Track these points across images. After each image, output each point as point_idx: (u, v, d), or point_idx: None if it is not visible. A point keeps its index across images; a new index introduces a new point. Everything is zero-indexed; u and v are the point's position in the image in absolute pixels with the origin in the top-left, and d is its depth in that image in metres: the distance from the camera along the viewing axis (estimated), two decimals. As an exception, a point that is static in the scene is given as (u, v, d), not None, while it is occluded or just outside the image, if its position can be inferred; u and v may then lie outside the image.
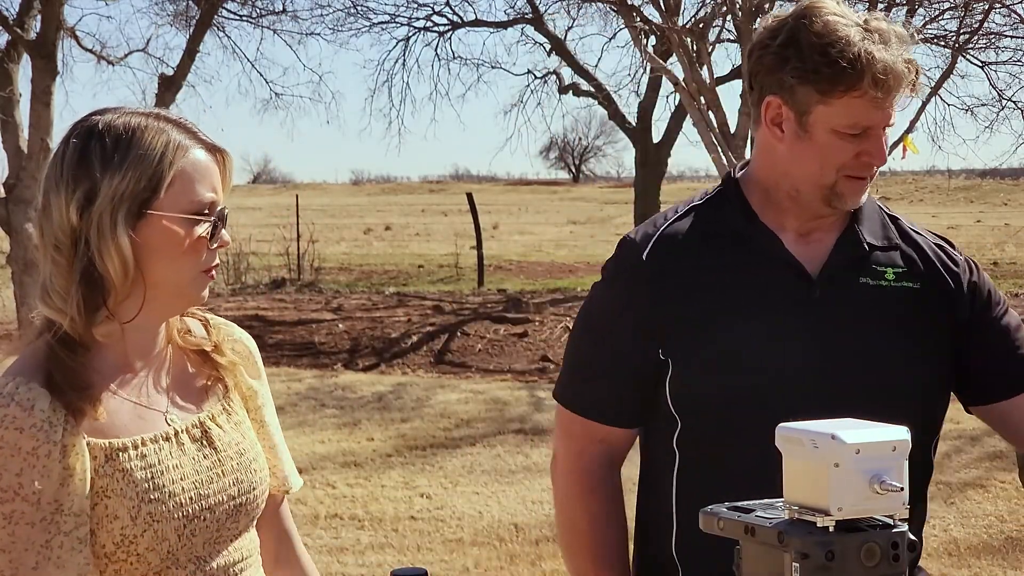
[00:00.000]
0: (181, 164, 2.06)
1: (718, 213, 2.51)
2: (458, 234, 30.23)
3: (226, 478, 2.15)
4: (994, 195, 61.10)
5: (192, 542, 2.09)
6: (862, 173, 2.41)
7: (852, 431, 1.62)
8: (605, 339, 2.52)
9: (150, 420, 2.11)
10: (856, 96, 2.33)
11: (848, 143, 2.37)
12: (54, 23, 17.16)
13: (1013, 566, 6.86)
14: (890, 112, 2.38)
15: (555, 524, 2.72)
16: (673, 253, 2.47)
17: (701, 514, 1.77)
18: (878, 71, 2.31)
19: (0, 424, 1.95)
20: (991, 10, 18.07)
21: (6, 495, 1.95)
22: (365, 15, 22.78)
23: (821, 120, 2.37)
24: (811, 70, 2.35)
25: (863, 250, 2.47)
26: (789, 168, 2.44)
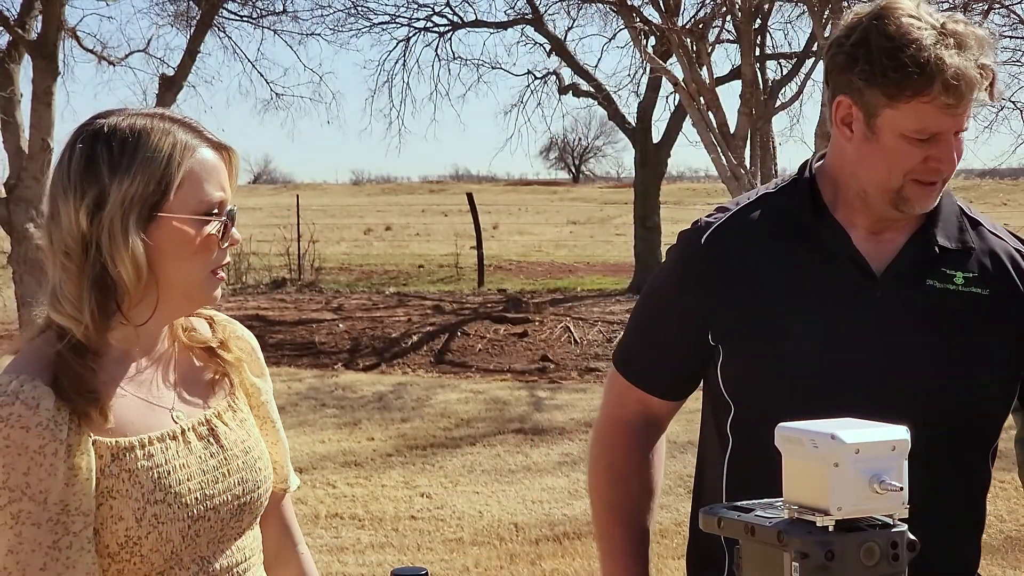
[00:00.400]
0: (189, 164, 2.05)
1: (789, 203, 2.49)
2: (458, 234, 30.21)
3: (231, 477, 2.15)
4: (993, 195, 61.06)
5: (196, 542, 2.08)
6: (930, 178, 2.36)
7: (851, 431, 1.62)
8: (657, 316, 2.58)
9: (156, 418, 2.09)
10: (925, 101, 2.29)
11: (916, 148, 2.33)
12: (55, 23, 17.15)
13: (1012, 566, 6.87)
14: (962, 118, 2.33)
15: None
16: (734, 241, 2.46)
17: (701, 513, 1.77)
18: (949, 77, 2.26)
19: (5, 423, 1.93)
20: (990, 10, 18.07)
21: (13, 495, 1.93)
22: (365, 15, 22.82)
23: (889, 123, 2.33)
24: (879, 73, 2.31)
25: (933, 252, 2.43)
26: (856, 169, 2.42)
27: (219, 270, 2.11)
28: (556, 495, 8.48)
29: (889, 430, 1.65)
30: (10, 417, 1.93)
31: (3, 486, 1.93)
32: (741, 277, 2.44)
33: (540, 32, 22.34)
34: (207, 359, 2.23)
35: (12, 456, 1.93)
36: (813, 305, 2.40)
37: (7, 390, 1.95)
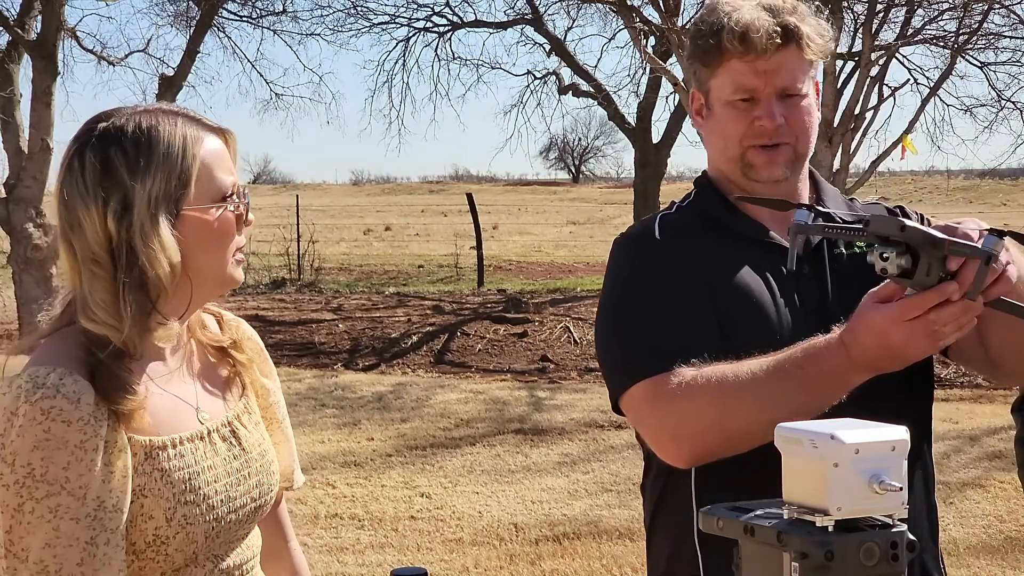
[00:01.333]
0: (201, 154, 2.07)
1: (702, 208, 2.57)
2: (458, 234, 30.22)
3: (251, 480, 2.16)
4: (993, 195, 61.09)
5: (215, 543, 2.10)
6: (762, 141, 2.45)
7: (851, 431, 1.62)
8: (655, 299, 2.44)
9: (184, 417, 2.11)
10: (728, 60, 2.43)
11: (741, 112, 2.45)
12: (55, 24, 17.15)
13: (1012, 566, 6.87)
14: (778, 75, 2.43)
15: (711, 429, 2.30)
16: (678, 235, 2.51)
17: (700, 514, 1.77)
18: (735, 28, 2.39)
19: (47, 416, 1.92)
20: (990, 11, 18.09)
21: (53, 488, 1.91)
22: (365, 16, 22.83)
23: (716, 94, 2.49)
24: (694, 47, 2.49)
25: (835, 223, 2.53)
26: (710, 151, 2.58)
27: (239, 251, 2.14)
28: (556, 495, 8.48)
29: (889, 430, 1.65)
30: (51, 411, 1.92)
31: (41, 479, 1.92)
32: (693, 265, 2.46)
33: (540, 32, 22.36)
34: (220, 358, 2.25)
35: (52, 450, 1.91)
36: (759, 288, 2.44)
37: (47, 382, 1.94)
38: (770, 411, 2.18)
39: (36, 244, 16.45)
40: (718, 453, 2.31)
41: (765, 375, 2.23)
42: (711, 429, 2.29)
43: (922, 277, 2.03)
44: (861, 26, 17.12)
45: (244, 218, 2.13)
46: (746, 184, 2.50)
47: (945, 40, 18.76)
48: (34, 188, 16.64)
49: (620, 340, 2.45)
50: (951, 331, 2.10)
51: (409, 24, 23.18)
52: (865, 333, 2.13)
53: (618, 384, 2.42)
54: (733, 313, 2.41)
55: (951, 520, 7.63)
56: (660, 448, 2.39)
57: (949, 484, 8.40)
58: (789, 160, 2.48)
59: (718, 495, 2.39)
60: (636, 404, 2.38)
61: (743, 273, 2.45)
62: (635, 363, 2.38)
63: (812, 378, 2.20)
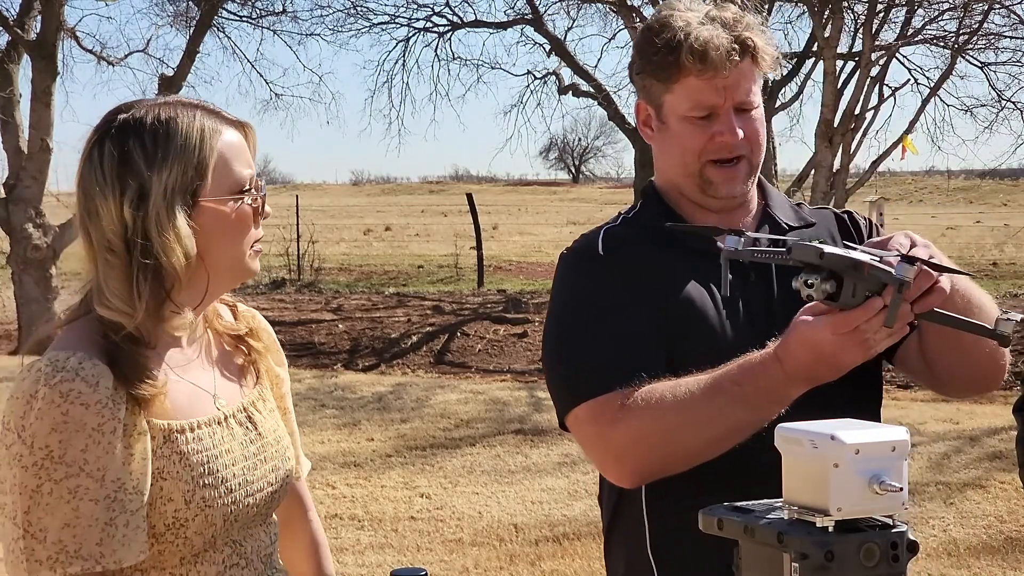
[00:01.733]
0: (219, 147, 2.10)
1: (647, 220, 2.56)
2: (458, 235, 30.21)
3: (267, 464, 2.20)
4: (993, 196, 61.10)
5: (233, 527, 2.12)
6: (722, 155, 2.47)
7: (851, 431, 1.62)
8: (602, 316, 2.43)
9: (201, 402, 2.14)
10: (686, 77, 2.42)
11: (699, 127, 2.46)
12: (54, 24, 17.15)
13: (1013, 567, 6.86)
14: (735, 91, 2.44)
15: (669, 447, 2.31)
16: (621, 249, 2.51)
17: (700, 514, 1.77)
18: (694, 46, 2.38)
19: (66, 399, 1.94)
20: (990, 11, 18.09)
21: (71, 470, 1.94)
22: (365, 16, 22.78)
23: (670, 109, 2.48)
24: (646, 62, 2.48)
25: (784, 230, 2.56)
26: (662, 164, 2.58)
27: (257, 243, 2.17)
28: (556, 496, 8.48)
29: (889, 430, 1.64)
30: (70, 393, 1.94)
31: (60, 461, 1.94)
32: (638, 277, 2.46)
33: (540, 32, 22.33)
34: (235, 346, 2.28)
35: (70, 432, 1.94)
36: (702, 298, 2.45)
37: (66, 366, 1.96)
38: (710, 429, 2.25)
39: (36, 244, 16.45)
40: (662, 472, 2.35)
41: (702, 394, 2.26)
42: (653, 450, 2.31)
43: (848, 299, 2.06)
44: (861, 26, 17.14)
45: (261, 210, 2.16)
46: (703, 200, 2.52)
47: (945, 40, 18.77)
48: (34, 188, 16.64)
49: (563, 360, 2.46)
50: (882, 338, 2.12)
51: (409, 24, 23.16)
52: (798, 346, 2.16)
53: (563, 404, 2.44)
54: (677, 325, 2.42)
55: (951, 520, 7.63)
56: (605, 469, 2.43)
57: (950, 484, 8.39)
58: (746, 174, 2.51)
59: (668, 507, 2.42)
60: (580, 425, 2.40)
61: (686, 284, 2.45)
62: (578, 384, 2.40)
63: (749, 394, 2.22)
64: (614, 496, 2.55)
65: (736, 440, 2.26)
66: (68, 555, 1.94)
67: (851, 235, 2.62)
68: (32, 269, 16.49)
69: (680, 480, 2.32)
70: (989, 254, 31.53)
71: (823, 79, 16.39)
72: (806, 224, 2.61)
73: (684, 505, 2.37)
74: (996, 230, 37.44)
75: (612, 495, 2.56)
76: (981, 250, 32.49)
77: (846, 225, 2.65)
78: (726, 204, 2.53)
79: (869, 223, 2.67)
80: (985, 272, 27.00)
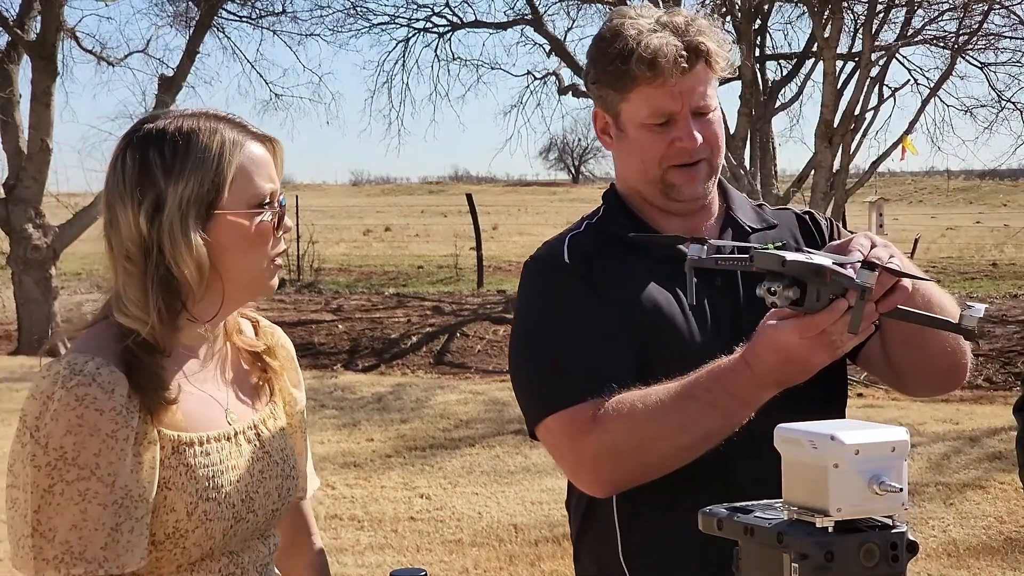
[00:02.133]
0: (239, 160, 2.11)
1: (611, 226, 2.56)
2: (457, 235, 30.22)
3: (271, 482, 2.21)
4: (993, 196, 61.11)
5: (232, 540, 2.14)
6: (683, 160, 2.47)
7: (851, 432, 1.62)
8: (567, 326, 2.42)
9: (213, 416, 2.16)
10: (642, 85, 2.43)
11: (658, 134, 2.47)
12: (54, 24, 17.16)
13: (1012, 567, 6.86)
14: (691, 96, 2.44)
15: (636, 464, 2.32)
16: (586, 257, 2.50)
17: (700, 515, 1.77)
18: (643, 54, 2.39)
19: (81, 403, 1.97)
20: (990, 11, 18.09)
21: (83, 472, 1.97)
22: (365, 16, 22.79)
23: (628, 117, 2.49)
24: (600, 71, 2.49)
25: (747, 232, 2.58)
26: (622, 170, 2.59)
27: (277, 258, 2.18)
28: (555, 496, 8.47)
29: (889, 431, 1.64)
30: (86, 398, 1.97)
31: (72, 463, 1.97)
32: (603, 286, 2.45)
33: (539, 32, 22.31)
34: (252, 363, 2.30)
35: (84, 435, 1.97)
36: (668, 303, 2.45)
37: (84, 370, 1.99)
38: (682, 436, 2.27)
39: (35, 245, 16.46)
40: (636, 481, 2.35)
41: (672, 401, 2.27)
42: (626, 460, 2.32)
43: (812, 304, 2.08)
44: (861, 26, 17.14)
45: (279, 224, 2.17)
46: (666, 203, 2.53)
47: (945, 40, 18.77)
48: (33, 189, 16.64)
49: (532, 370, 2.46)
50: (848, 339, 2.13)
51: (409, 24, 23.15)
52: (766, 351, 2.17)
53: (532, 415, 2.44)
54: (644, 331, 2.42)
55: (951, 521, 7.63)
56: (578, 480, 2.44)
57: (949, 485, 8.39)
58: (707, 175, 2.52)
59: (640, 514, 2.43)
60: (551, 437, 2.41)
61: (652, 289, 2.46)
62: (548, 395, 2.40)
63: (719, 399, 2.23)
64: (583, 504, 2.54)
65: (708, 446, 2.27)
66: (73, 556, 1.96)
67: (812, 236, 2.63)
68: (32, 269, 16.50)
69: (651, 486, 2.34)
70: (989, 255, 31.53)
71: (823, 79, 16.38)
72: (768, 226, 2.63)
73: (656, 511, 2.39)
74: (996, 230, 37.45)
75: (581, 503, 2.55)
76: (981, 251, 32.49)
77: (807, 226, 2.66)
78: (689, 206, 2.53)
79: (830, 223, 2.68)
80: (985, 272, 27.00)
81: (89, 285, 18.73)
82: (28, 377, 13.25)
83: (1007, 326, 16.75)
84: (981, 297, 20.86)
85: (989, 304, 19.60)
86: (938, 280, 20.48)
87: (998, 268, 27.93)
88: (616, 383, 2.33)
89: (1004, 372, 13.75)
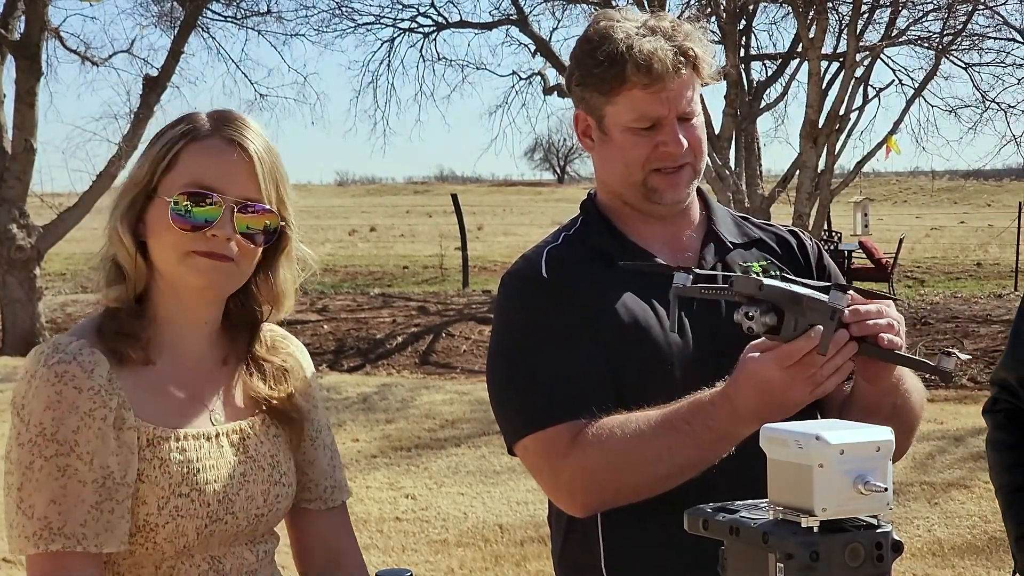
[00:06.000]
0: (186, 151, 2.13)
1: (589, 239, 2.55)
2: (443, 235, 30.21)
3: (256, 487, 2.19)
4: (977, 196, 61.28)
5: (209, 542, 2.13)
6: (666, 164, 2.46)
7: (836, 432, 1.62)
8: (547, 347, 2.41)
9: (196, 416, 2.16)
10: (629, 89, 2.42)
11: (643, 138, 2.45)
12: (38, 24, 17.12)
13: (996, 566, 6.88)
14: (678, 102, 2.44)
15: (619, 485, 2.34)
16: (565, 270, 2.49)
17: (686, 515, 1.77)
18: (639, 59, 2.38)
19: (60, 379, 2.00)
20: (974, 11, 18.15)
21: (62, 448, 1.99)
22: (350, 16, 22.75)
23: (613, 120, 2.48)
24: (586, 73, 2.47)
25: (728, 248, 2.57)
26: (604, 175, 2.56)
27: (195, 256, 2.11)
28: (541, 496, 8.44)
29: (874, 431, 1.65)
30: (65, 375, 2.01)
31: (52, 438, 1.99)
32: (582, 300, 2.44)
33: (525, 33, 22.32)
34: (258, 372, 2.28)
35: (63, 411, 2.00)
36: (646, 317, 2.43)
37: (67, 349, 2.04)
38: (659, 467, 2.27)
39: (20, 245, 16.41)
40: (611, 505, 2.37)
41: (652, 431, 2.27)
42: (602, 486, 2.34)
43: (789, 332, 2.08)
44: (846, 27, 17.18)
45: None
46: (647, 207, 2.51)
47: (930, 41, 18.82)
48: (17, 189, 16.59)
49: (511, 389, 2.46)
50: (828, 373, 2.12)
51: (394, 25, 23.14)
52: (746, 384, 2.16)
53: (511, 433, 2.44)
54: (623, 345, 2.41)
55: (936, 520, 7.64)
56: (555, 499, 2.47)
57: (934, 485, 8.41)
58: (689, 180, 2.51)
59: (624, 528, 2.42)
60: (529, 456, 2.42)
61: (630, 303, 2.44)
62: (526, 414, 2.40)
63: (698, 432, 2.23)
64: (564, 517, 2.53)
65: (685, 477, 2.27)
66: (51, 532, 1.98)
67: (795, 257, 2.61)
68: (16, 270, 16.45)
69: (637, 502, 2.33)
70: (973, 255, 31.63)
71: (808, 80, 16.42)
72: (750, 240, 2.61)
73: (640, 523, 2.38)
74: (980, 231, 37.58)
75: (563, 516, 2.53)
76: (965, 251, 32.59)
77: (790, 247, 2.63)
78: (670, 211, 2.53)
79: (817, 247, 2.67)
80: (969, 272, 27.09)
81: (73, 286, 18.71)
82: (12, 377, 13.21)
83: (991, 326, 16.81)
84: (965, 297, 20.93)
85: (974, 303, 19.67)
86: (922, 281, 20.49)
87: (982, 268, 28.02)
88: (595, 404, 2.33)
89: (988, 372, 13.79)
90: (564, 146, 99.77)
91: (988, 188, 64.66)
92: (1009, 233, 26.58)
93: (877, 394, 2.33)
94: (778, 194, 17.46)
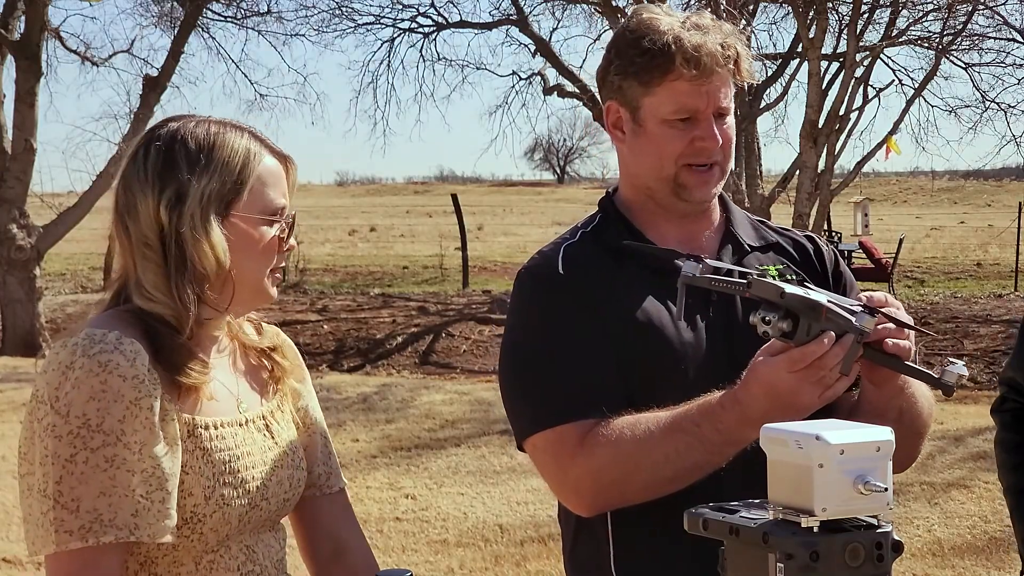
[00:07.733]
0: (259, 170, 2.17)
1: (606, 237, 2.54)
2: (443, 235, 30.21)
3: (283, 471, 2.23)
4: (977, 196, 61.28)
5: (247, 529, 2.15)
6: (700, 160, 2.47)
7: (836, 432, 1.62)
8: (560, 343, 2.42)
9: (226, 404, 2.18)
10: (673, 80, 2.42)
11: (679, 131, 2.45)
12: (38, 24, 17.12)
13: (996, 566, 6.88)
14: (717, 96, 2.45)
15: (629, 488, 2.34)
16: (581, 268, 2.49)
17: (686, 515, 1.77)
18: (689, 49, 2.39)
19: (104, 368, 1.98)
20: (974, 12, 18.14)
21: (109, 438, 1.97)
22: (350, 16, 22.75)
23: (650, 112, 2.47)
24: (628, 62, 2.47)
25: (745, 250, 2.57)
26: (634, 167, 2.55)
27: (277, 271, 2.22)
28: (541, 496, 8.47)
29: (874, 431, 1.65)
30: (108, 363, 1.99)
31: (97, 429, 1.97)
32: (599, 299, 2.44)
33: (525, 33, 22.32)
34: (259, 360, 2.33)
35: (108, 401, 1.97)
36: (659, 316, 2.43)
37: (105, 339, 2.01)
38: (667, 468, 2.27)
39: (19, 245, 16.41)
40: (618, 505, 2.37)
41: (661, 433, 2.27)
42: (610, 486, 2.34)
43: (803, 337, 2.09)
44: (846, 27, 17.17)
45: (286, 240, 2.22)
46: (674, 204, 2.51)
47: (930, 41, 18.81)
48: (17, 189, 16.60)
49: (523, 385, 2.47)
50: (834, 378, 2.13)
51: (394, 25, 23.13)
52: (755, 385, 2.17)
53: (521, 431, 2.46)
54: (637, 344, 2.41)
55: (936, 520, 7.64)
56: (562, 498, 2.46)
57: (934, 484, 8.41)
58: (717, 180, 2.51)
59: (634, 528, 2.42)
60: (538, 454, 2.43)
61: (645, 303, 2.44)
62: (537, 412, 2.41)
63: (706, 435, 2.24)
64: (573, 517, 2.52)
65: (693, 479, 2.28)
66: (103, 524, 1.96)
67: (812, 263, 2.61)
68: (16, 270, 16.45)
69: (646, 502, 2.34)
70: (973, 255, 31.63)
71: (808, 80, 16.41)
72: (767, 244, 2.61)
73: (650, 526, 2.37)
74: (980, 231, 37.58)
75: (571, 516, 2.53)
76: (965, 251, 32.59)
77: (807, 252, 2.63)
78: (694, 209, 2.53)
79: (834, 254, 2.67)
80: (969, 272, 27.09)
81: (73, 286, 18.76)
82: (12, 377, 13.21)
83: (991, 326, 16.81)
84: (965, 297, 20.93)
85: (974, 303, 19.67)
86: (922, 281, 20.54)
87: (982, 268, 28.02)
88: (605, 404, 2.34)
89: (989, 372, 13.80)
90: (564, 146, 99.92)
91: (988, 188, 64.65)
92: (1009, 233, 26.58)
93: (883, 397, 2.34)
94: (778, 194, 17.46)
